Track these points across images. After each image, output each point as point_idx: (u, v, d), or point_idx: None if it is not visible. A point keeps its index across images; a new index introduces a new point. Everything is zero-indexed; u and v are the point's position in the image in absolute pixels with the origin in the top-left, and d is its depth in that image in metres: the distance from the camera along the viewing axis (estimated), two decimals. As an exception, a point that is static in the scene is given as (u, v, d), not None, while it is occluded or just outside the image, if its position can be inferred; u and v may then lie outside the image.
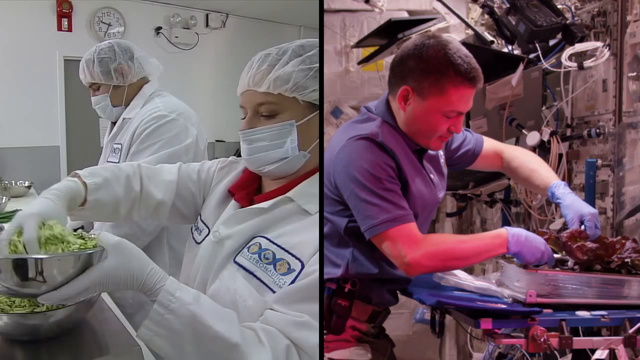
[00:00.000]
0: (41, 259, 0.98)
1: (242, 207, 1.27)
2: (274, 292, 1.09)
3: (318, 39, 1.23)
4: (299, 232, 1.14)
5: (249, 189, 1.30)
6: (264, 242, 1.16)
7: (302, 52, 1.19)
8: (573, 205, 1.57)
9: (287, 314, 1.04)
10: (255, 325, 1.04)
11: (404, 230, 1.38)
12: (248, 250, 1.16)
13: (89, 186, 1.30)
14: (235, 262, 1.17)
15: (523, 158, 1.71)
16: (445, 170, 1.63)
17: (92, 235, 1.13)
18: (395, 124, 1.49)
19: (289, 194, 1.19)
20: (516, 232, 1.43)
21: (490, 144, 1.74)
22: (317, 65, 1.17)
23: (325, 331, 1.49)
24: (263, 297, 1.10)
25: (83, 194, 1.29)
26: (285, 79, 1.15)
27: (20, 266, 0.97)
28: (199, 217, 1.38)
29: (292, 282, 1.08)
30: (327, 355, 1.48)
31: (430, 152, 1.55)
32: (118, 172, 1.39)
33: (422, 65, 1.41)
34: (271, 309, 1.07)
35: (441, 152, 1.62)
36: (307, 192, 1.19)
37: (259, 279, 1.12)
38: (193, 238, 1.35)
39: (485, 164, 1.75)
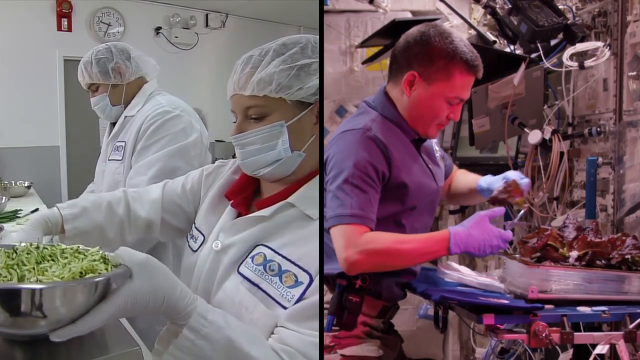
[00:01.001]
0: (50, 288, 0.84)
1: (240, 213, 1.25)
2: (281, 305, 1.06)
3: (300, 36, 1.19)
4: (304, 241, 1.11)
5: (245, 193, 1.28)
6: (268, 252, 1.12)
7: (284, 51, 1.15)
8: (497, 176, 1.63)
9: (302, 333, 1.00)
10: (275, 345, 1.00)
11: (352, 230, 1.39)
12: (252, 261, 1.13)
13: (64, 216, 1.37)
14: (239, 273, 1.14)
15: (462, 176, 1.76)
16: (441, 164, 1.65)
17: (92, 249, 1.05)
18: (393, 114, 1.52)
19: (290, 199, 1.16)
20: (457, 233, 1.41)
21: (454, 170, 1.79)
22: (299, 63, 1.14)
23: (337, 327, 1.50)
24: (270, 310, 1.06)
25: (59, 221, 1.36)
26: (268, 81, 1.12)
27: (10, 295, 0.84)
28: (193, 225, 1.37)
29: (301, 294, 1.05)
30: (339, 351, 1.49)
31: (425, 144, 1.58)
32: (99, 200, 1.45)
33: (430, 51, 1.45)
34: (283, 327, 1.03)
35: (437, 147, 1.65)
36: (308, 197, 1.16)
37: (264, 291, 1.09)
38: (189, 246, 1.34)
39: (444, 189, 1.76)
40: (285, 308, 1.05)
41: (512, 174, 1.60)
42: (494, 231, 1.43)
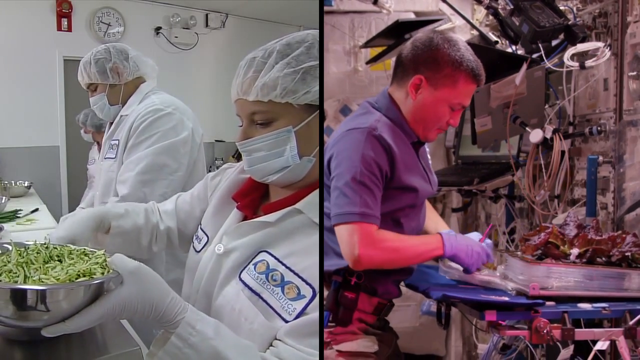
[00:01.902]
0: (43, 290, 0.90)
1: (246, 216, 1.23)
2: (282, 317, 1.03)
3: (306, 34, 1.13)
4: (309, 251, 1.07)
5: (253, 196, 1.25)
6: (271, 261, 1.09)
7: (289, 52, 1.09)
8: None
9: (301, 350, 0.98)
10: (270, 359, 0.99)
11: (363, 228, 1.42)
12: (255, 269, 1.10)
13: (112, 214, 1.39)
14: (241, 279, 1.11)
15: (430, 212, 1.75)
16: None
17: (98, 252, 1.09)
18: (396, 117, 1.54)
19: (298, 205, 1.11)
20: (448, 236, 1.52)
21: None
22: (305, 65, 1.08)
23: (332, 323, 1.52)
24: (270, 323, 1.04)
25: (109, 218, 1.38)
26: (272, 86, 1.06)
27: (18, 291, 0.90)
28: (198, 225, 1.36)
29: (303, 309, 1.02)
30: (335, 347, 1.50)
31: (422, 149, 1.61)
32: (137, 208, 1.48)
33: (439, 58, 1.49)
34: (281, 341, 1.01)
35: (429, 155, 1.68)
36: (316, 203, 1.12)
37: (265, 301, 1.06)
38: (193, 246, 1.33)
39: None
40: (286, 321, 1.03)
41: (474, 236, 1.63)
42: (476, 241, 1.57)
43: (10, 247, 1.08)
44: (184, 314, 0.93)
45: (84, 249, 1.13)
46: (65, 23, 5.30)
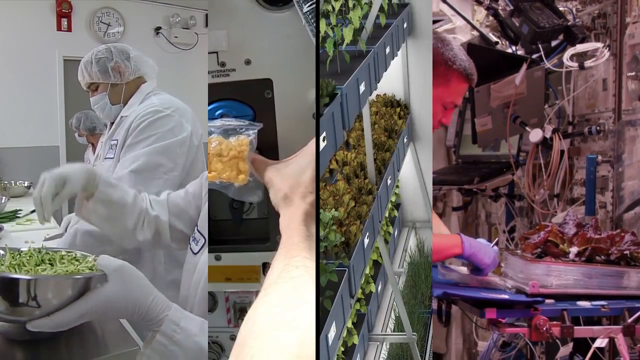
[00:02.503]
0: (34, 279, 0.93)
1: None
2: None
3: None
4: None
5: None
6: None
7: None
8: None
9: None
10: None
11: None
12: None
13: (103, 177, 1.39)
14: None
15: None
16: None
17: (90, 257, 1.11)
18: None
19: None
20: (466, 236, 1.54)
21: None
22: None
23: None
24: None
25: (98, 181, 1.37)
26: None
27: (10, 287, 0.93)
28: (195, 227, 1.37)
29: None
30: None
31: None
32: (128, 189, 1.46)
33: (433, 58, 1.51)
34: None
35: None
36: None
37: None
38: (190, 248, 1.34)
39: None
40: None
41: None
42: (489, 245, 1.58)
43: (3, 252, 1.10)
44: (167, 311, 0.95)
45: (75, 253, 1.15)
46: (65, 23, 5.28)
